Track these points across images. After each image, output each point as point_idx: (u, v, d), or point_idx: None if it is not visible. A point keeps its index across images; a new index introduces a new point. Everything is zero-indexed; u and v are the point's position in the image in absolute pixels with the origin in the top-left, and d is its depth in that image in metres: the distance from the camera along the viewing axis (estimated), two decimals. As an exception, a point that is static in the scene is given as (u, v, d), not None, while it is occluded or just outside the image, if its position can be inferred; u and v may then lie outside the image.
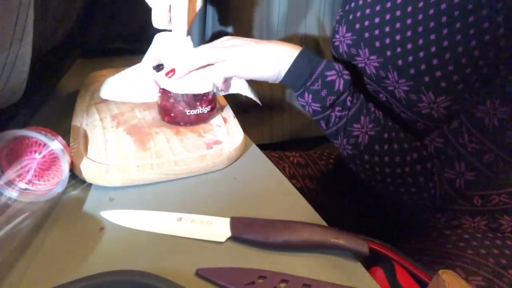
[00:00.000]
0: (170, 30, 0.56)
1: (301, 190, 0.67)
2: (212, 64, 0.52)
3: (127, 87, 0.60)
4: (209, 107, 0.55)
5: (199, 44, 0.54)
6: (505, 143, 0.46)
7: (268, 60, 0.50)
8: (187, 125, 0.55)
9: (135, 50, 0.77)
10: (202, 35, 0.91)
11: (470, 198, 0.56)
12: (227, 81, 0.54)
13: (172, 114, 0.54)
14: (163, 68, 0.53)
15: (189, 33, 0.55)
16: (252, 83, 0.57)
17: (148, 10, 0.54)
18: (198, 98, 0.54)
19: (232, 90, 0.57)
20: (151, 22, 0.54)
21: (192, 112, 0.54)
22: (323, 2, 0.89)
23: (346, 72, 0.51)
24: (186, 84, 0.53)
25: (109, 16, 0.84)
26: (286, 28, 0.89)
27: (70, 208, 0.43)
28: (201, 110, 0.54)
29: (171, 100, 0.53)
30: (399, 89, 0.50)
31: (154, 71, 0.53)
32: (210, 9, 0.89)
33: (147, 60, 0.59)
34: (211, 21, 0.90)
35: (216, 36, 0.88)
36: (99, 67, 0.72)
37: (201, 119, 0.55)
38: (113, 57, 0.85)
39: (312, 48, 0.93)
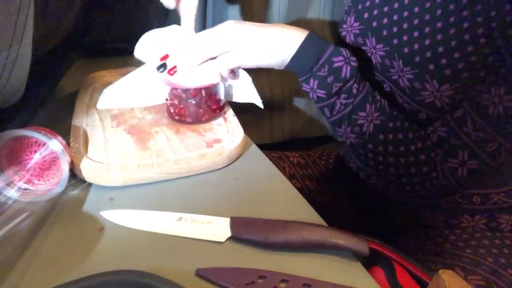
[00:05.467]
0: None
1: (301, 190, 0.67)
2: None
3: (125, 94, 0.59)
4: (220, 103, 0.56)
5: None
6: (509, 132, 0.46)
7: (274, 47, 0.49)
8: (196, 123, 0.55)
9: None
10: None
11: (470, 197, 0.56)
12: (233, 71, 0.53)
13: (182, 110, 0.54)
14: (166, 68, 0.53)
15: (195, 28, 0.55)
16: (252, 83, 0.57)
17: (147, 10, 0.54)
18: (208, 92, 0.54)
19: (241, 99, 0.57)
20: (151, 22, 0.54)
21: (207, 106, 0.54)
22: (323, 2, 0.89)
23: (353, 58, 0.49)
24: (194, 77, 0.52)
25: (109, 16, 0.84)
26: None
27: (70, 208, 0.43)
28: (211, 107, 0.55)
29: (181, 97, 0.53)
30: (403, 78, 0.50)
31: (159, 72, 0.53)
32: (210, 9, 0.89)
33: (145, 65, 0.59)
34: (211, 21, 0.90)
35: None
36: (99, 67, 0.72)
37: (211, 115, 0.56)
38: (113, 57, 0.85)
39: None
